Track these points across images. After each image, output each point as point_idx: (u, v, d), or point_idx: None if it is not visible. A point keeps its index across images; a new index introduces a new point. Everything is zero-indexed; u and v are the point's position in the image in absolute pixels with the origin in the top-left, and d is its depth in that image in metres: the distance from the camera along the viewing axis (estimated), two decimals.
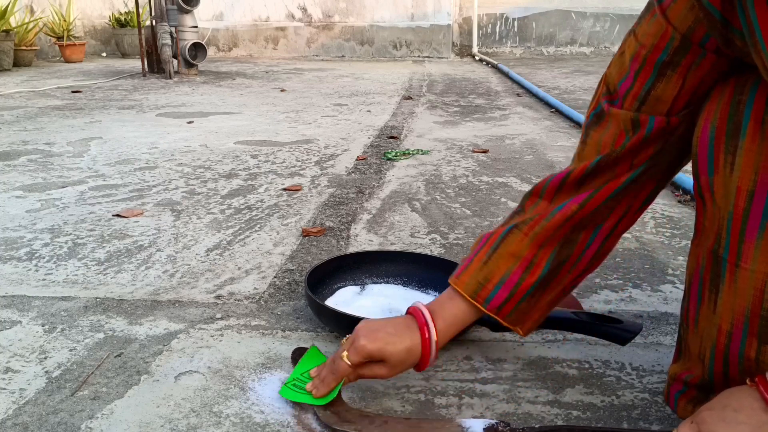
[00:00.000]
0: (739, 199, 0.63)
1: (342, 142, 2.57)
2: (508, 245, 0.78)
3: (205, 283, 1.21)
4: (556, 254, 0.77)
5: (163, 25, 4.79)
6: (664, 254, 1.36)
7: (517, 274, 0.77)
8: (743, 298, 0.65)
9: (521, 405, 0.83)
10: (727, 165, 0.64)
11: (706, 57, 0.64)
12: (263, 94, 4.09)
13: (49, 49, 6.82)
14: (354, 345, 0.77)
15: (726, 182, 0.64)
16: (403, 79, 5.03)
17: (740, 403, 0.61)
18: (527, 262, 0.77)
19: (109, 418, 0.80)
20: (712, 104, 0.66)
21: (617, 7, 7.24)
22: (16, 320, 1.06)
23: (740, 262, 0.64)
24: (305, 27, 7.33)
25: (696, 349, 0.74)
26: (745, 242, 0.64)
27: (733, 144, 0.63)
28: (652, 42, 0.67)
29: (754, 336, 0.65)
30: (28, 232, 1.49)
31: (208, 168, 2.12)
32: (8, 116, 3.14)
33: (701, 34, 0.63)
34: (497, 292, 0.78)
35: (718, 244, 0.67)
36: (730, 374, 0.70)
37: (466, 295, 0.78)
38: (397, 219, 1.60)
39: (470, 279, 0.79)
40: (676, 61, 0.66)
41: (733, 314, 0.67)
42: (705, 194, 0.68)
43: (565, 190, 0.77)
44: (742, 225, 0.64)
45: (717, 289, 0.68)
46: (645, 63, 0.68)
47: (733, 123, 0.63)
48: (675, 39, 0.65)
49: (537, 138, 2.67)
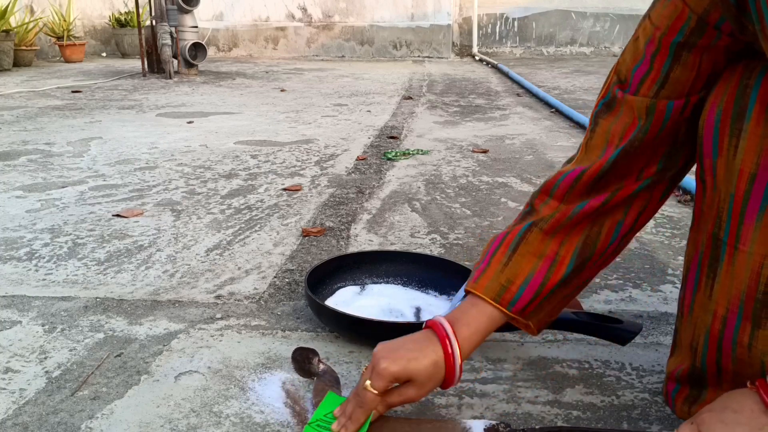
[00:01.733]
0: (740, 181, 0.64)
1: (342, 142, 2.57)
2: (528, 244, 0.75)
3: (205, 283, 1.21)
4: (580, 251, 0.75)
5: (163, 25, 4.79)
6: (664, 254, 1.36)
7: (542, 273, 0.75)
8: (740, 281, 0.65)
9: (521, 405, 0.83)
10: (731, 148, 0.64)
11: (722, 39, 0.64)
12: (263, 94, 4.09)
13: (49, 49, 6.82)
14: (376, 370, 0.70)
15: (728, 165, 0.65)
16: (403, 79, 5.03)
17: (740, 405, 0.61)
18: (550, 260, 0.75)
19: (109, 418, 0.80)
20: (720, 88, 0.66)
21: (617, 7, 7.23)
22: (16, 320, 1.06)
23: (739, 244, 0.65)
24: (305, 27, 7.33)
25: (688, 339, 0.74)
26: (745, 224, 0.64)
27: (737, 127, 0.64)
28: (667, 23, 0.65)
29: (748, 320, 0.66)
30: (28, 232, 1.49)
31: (208, 168, 2.12)
32: (8, 116, 3.14)
33: (717, 16, 0.62)
34: (522, 293, 0.75)
35: (717, 227, 0.67)
36: (722, 363, 0.70)
37: (488, 299, 0.74)
38: (397, 219, 1.60)
39: (491, 283, 0.75)
40: (692, 42, 0.65)
41: (729, 298, 0.67)
42: (707, 177, 0.68)
43: (578, 191, 0.75)
44: (743, 207, 0.64)
45: (714, 273, 0.69)
46: (660, 45, 0.67)
47: (739, 107, 0.64)
48: (691, 20, 0.63)
49: (537, 138, 2.67)
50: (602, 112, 0.75)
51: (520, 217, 0.80)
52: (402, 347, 0.72)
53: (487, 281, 0.76)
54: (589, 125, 0.77)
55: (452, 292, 1.12)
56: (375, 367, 0.71)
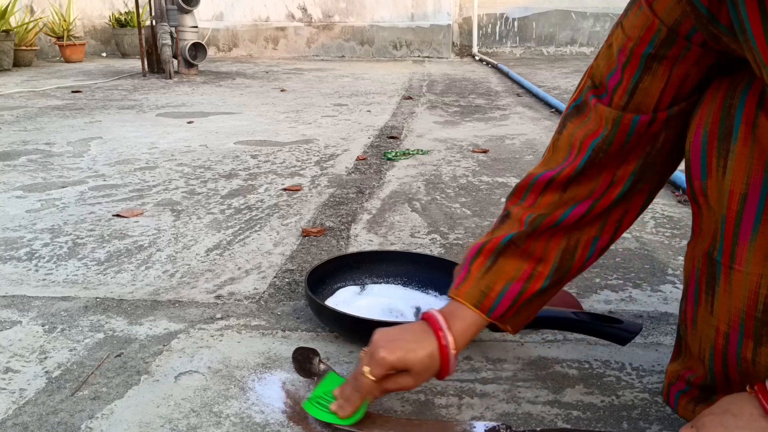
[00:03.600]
0: (731, 202, 0.63)
1: (342, 142, 2.57)
2: (505, 264, 0.77)
3: (205, 283, 1.21)
4: (557, 267, 0.77)
5: (163, 25, 4.79)
6: (664, 254, 1.36)
7: (519, 285, 0.77)
8: (738, 300, 0.65)
9: (521, 405, 0.83)
10: (719, 168, 0.64)
11: (692, 50, 0.63)
12: (263, 94, 4.09)
13: (49, 49, 6.82)
14: (374, 358, 0.73)
15: (719, 186, 0.65)
16: (403, 79, 5.03)
17: (740, 409, 0.62)
18: (527, 274, 0.77)
19: (109, 418, 0.80)
20: (704, 108, 0.66)
21: (617, 7, 7.23)
22: (16, 320, 1.06)
23: (734, 264, 0.65)
24: (305, 27, 7.33)
25: (696, 350, 0.74)
26: (739, 245, 0.64)
27: (724, 148, 0.63)
28: (638, 34, 0.65)
29: (749, 338, 0.66)
30: (28, 232, 1.49)
31: (208, 168, 2.12)
32: (8, 116, 3.14)
33: (688, 27, 0.61)
34: (500, 302, 0.77)
35: (713, 246, 0.67)
36: (729, 375, 0.70)
37: (469, 305, 0.77)
38: (397, 219, 1.60)
39: (471, 289, 0.77)
40: (662, 54, 0.64)
41: (729, 316, 0.67)
42: (699, 198, 0.68)
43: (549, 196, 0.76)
44: (735, 227, 0.64)
45: (713, 291, 0.69)
46: (632, 56, 0.66)
47: (725, 127, 0.63)
48: (661, 31, 0.63)
49: (537, 138, 2.67)
50: (571, 115, 0.75)
51: (498, 224, 0.80)
52: (400, 338, 0.75)
53: (468, 287, 0.78)
54: (558, 126, 0.78)
55: None
56: (373, 354, 0.73)
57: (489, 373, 0.90)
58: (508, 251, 0.77)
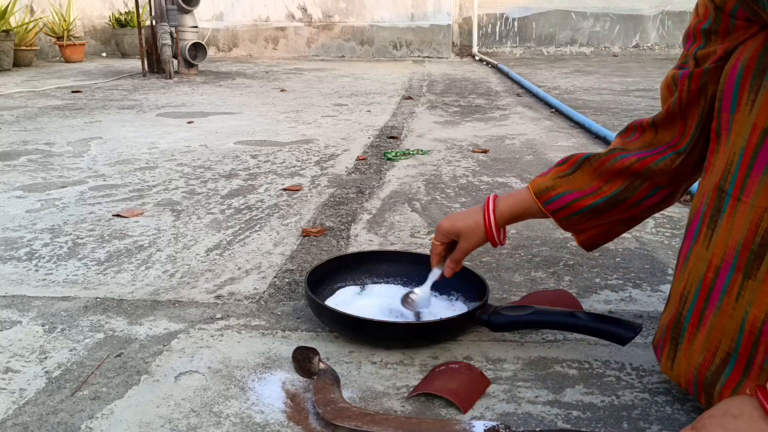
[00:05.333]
0: (753, 135, 0.67)
1: (342, 142, 2.57)
2: (580, 176, 0.92)
3: (205, 283, 1.21)
4: (619, 192, 0.89)
5: (163, 25, 4.79)
6: (664, 254, 1.36)
7: (579, 194, 0.91)
8: (738, 231, 0.69)
9: (521, 405, 0.83)
10: (748, 102, 0.68)
11: (737, 25, 0.71)
12: (263, 94, 4.09)
13: (49, 49, 6.82)
14: (436, 228, 1.01)
15: (744, 119, 0.68)
16: (403, 79, 5.03)
17: (740, 411, 0.62)
18: (593, 190, 0.91)
19: (109, 418, 0.80)
20: (745, 47, 0.71)
21: (617, 7, 7.23)
22: (16, 320, 1.06)
23: (742, 195, 0.68)
24: (305, 27, 7.33)
25: (680, 288, 0.77)
26: (751, 176, 0.67)
27: (757, 83, 0.67)
28: (701, 12, 0.77)
29: (740, 271, 0.68)
30: (28, 232, 1.49)
31: (208, 168, 2.12)
32: (8, 116, 3.14)
33: (731, 5, 0.71)
34: (557, 199, 0.93)
35: (724, 179, 0.71)
36: (705, 314, 0.73)
37: (531, 192, 0.95)
38: (397, 219, 1.60)
39: (542, 182, 0.95)
40: (715, 29, 0.74)
41: (725, 249, 0.70)
42: (722, 132, 0.73)
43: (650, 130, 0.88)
44: (751, 160, 0.67)
45: (715, 224, 0.72)
46: (696, 31, 0.78)
47: (762, 64, 0.67)
48: (713, 10, 0.74)
49: (537, 138, 2.67)
50: None
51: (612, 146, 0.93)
52: (457, 214, 1.01)
53: (540, 181, 0.96)
54: None
55: (453, 292, 1.12)
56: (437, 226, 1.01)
57: (489, 373, 0.90)
58: (584, 166, 0.92)
